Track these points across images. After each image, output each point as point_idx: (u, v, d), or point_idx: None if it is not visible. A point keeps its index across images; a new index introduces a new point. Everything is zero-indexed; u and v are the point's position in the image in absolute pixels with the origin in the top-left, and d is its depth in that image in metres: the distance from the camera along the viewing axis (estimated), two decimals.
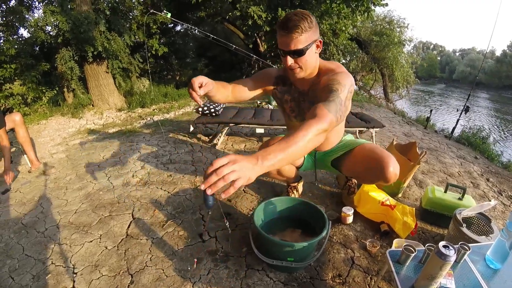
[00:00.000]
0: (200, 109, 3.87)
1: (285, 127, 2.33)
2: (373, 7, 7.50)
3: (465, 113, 5.68)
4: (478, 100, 29.79)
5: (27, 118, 6.14)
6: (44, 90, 6.78)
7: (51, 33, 6.10)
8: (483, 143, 5.70)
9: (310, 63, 1.63)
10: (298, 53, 1.55)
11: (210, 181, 0.93)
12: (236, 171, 0.94)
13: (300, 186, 2.54)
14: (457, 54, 76.81)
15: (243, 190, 2.68)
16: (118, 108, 7.09)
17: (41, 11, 6.95)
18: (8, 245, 2.11)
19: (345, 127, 2.33)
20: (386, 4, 7.71)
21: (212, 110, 3.84)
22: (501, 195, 3.09)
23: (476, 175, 3.53)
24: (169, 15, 2.64)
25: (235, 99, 1.81)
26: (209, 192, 0.94)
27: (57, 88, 7.09)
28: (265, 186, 2.78)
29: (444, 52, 77.29)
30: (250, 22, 7.62)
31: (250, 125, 3.79)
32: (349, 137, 2.23)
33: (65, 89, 7.11)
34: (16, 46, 6.30)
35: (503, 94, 41.00)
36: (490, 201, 1.94)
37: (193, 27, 9.43)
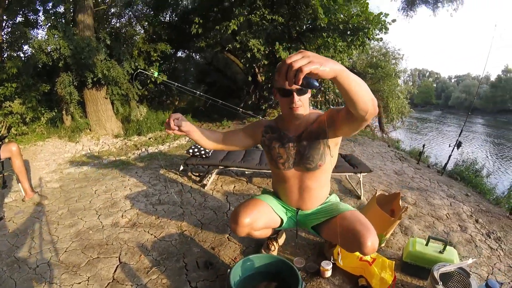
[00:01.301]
0: (190, 150, 4.00)
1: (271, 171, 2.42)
2: (368, 41, 7.74)
3: (458, 148, 5.67)
4: (474, 126, 30.00)
5: (25, 138, 6.30)
6: (43, 111, 6.91)
7: (53, 56, 6.24)
8: (476, 176, 5.70)
9: (307, 102, 1.87)
10: (303, 90, 1.76)
11: (290, 79, 1.04)
12: (310, 58, 1.03)
13: (281, 238, 2.61)
14: (453, 80, 77.92)
15: (227, 237, 2.78)
16: (114, 134, 7.22)
17: (44, 32, 7.16)
18: (1, 278, 2.22)
19: (334, 172, 2.41)
20: (381, 39, 7.97)
21: (203, 152, 3.96)
22: (489, 237, 3.10)
23: (465, 216, 3.57)
24: (156, 74, 2.79)
25: (226, 148, 2.02)
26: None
27: (56, 110, 7.21)
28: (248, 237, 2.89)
29: (440, 79, 78.22)
30: (249, 55, 7.86)
31: (239, 168, 3.93)
32: (334, 197, 2.29)
33: (64, 112, 7.24)
34: (18, 65, 6.43)
35: (499, 118, 41.37)
36: (468, 259, 2.05)
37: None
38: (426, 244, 2.33)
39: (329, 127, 1.81)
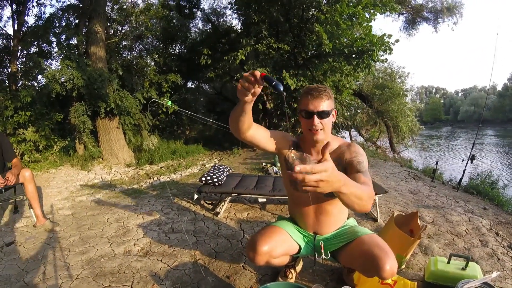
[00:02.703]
0: (203, 178, 4.00)
1: (287, 197, 2.36)
2: (373, 63, 7.79)
3: (471, 162, 5.61)
4: (485, 138, 29.79)
5: (38, 165, 6.39)
6: (56, 140, 7.05)
7: (66, 86, 6.39)
8: (492, 189, 5.61)
9: (329, 127, 1.88)
10: (325, 115, 1.80)
11: (297, 178, 1.17)
12: (319, 184, 1.16)
13: (298, 266, 2.55)
14: (460, 94, 78.21)
15: (242, 266, 2.72)
16: (127, 164, 7.27)
17: (58, 63, 7.40)
18: None
19: None
20: (386, 60, 8.02)
21: (216, 180, 3.96)
22: (511, 249, 3.06)
23: (485, 230, 3.51)
24: (169, 103, 2.82)
25: (251, 137, 1.85)
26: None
27: (68, 139, 7.34)
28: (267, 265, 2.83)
29: (447, 94, 78.55)
30: None
31: (252, 196, 3.90)
32: (352, 221, 2.26)
33: (76, 140, 7.34)
34: (32, 94, 6.61)
35: (509, 127, 41.04)
36: (492, 273, 1.99)
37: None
38: (448, 262, 2.30)
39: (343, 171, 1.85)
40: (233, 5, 10.22)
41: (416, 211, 2.76)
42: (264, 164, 6.78)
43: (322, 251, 2.09)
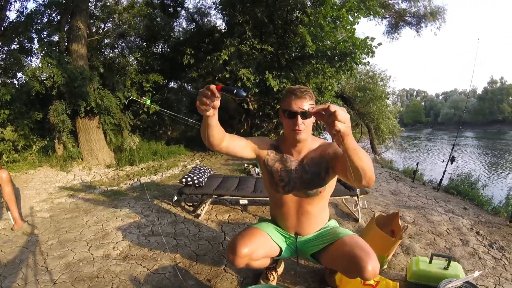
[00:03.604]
0: (183, 179, 3.95)
1: (268, 198, 2.37)
2: (355, 66, 7.89)
3: (451, 163, 5.74)
4: (465, 140, 30.52)
5: (16, 165, 6.21)
6: (35, 139, 6.87)
7: (46, 84, 6.27)
8: (472, 189, 5.73)
9: (310, 127, 1.91)
10: (308, 115, 1.79)
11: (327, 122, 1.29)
12: (345, 123, 1.27)
13: (280, 268, 2.54)
14: (440, 97, 79.81)
15: (224, 269, 2.70)
16: (107, 165, 7.15)
17: (38, 59, 7.23)
18: None
19: (330, 196, 2.36)
20: (368, 63, 8.16)
21: (196, 181, 3.91)
22: (492, 248, 3.12)
23: (466, 230, 3.57)
24: (148, 101, 2.79)
25: (227, 149, 1.86)
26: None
27: (48, 139, 7.17)
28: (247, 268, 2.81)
29: (427, 97, 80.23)
30: (239, 84, 7.96)
31: (233, 197, 3.88)
32: (333, 222, 2.27)
33: (56, 140, 7.18)
34: (11, 92, 6.42)
35: (488, 129, 42.32)
36: (474, 272, 2.03)
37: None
38: (430, 262, 2.32)
39: (330, 167, 1.91)
40: (217, 5, 10.20)
41: (397, 212, 2.80)
42: (246, 165, 6.78)
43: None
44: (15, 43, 8.02)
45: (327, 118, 1.28)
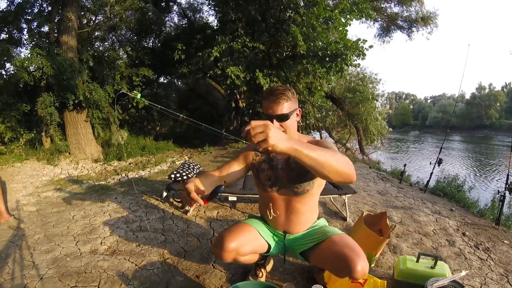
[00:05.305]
0: (172, 175, 3.94)
1: (257, 195, 2.38)
2: (346, 67, 7.92)
3: (439, 165, 5.81)
4: (452, 143, 30.78)
5: (2, 158, 6.11)
6: (22, 132, 6.74)
7: (35, 75, 6.18)
8: (458, 191, 5.79)
9: (293, 128, 1.88)
10: (284, 118, 1.79)
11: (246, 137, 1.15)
12: (267, 136, 1.12)
13: (269, 265, 2.55)
14: (429, 101, 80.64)
15: (212, 265, 2.70)
16: (94, 159, 7.08)
17: (28, 50, 7.11)
18: None
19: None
20: (359, 65, 8.19)
21: (185, 177, 3.91)
22: (478, 249, 3.17)
23: (452, 230, 3.63)
24: (138, 95, 2.77)
25: (230, 182, 1.94)
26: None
27: (35, 131, 7.05)
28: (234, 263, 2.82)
29: (416, 100, 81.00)
30: (228, 82, 7.95)
31: (222, 194, 3.87)
32: (323, 221, 2.27)
33: (43, 133, 7.06)
34: None
35: (476, 134, 43.09)
36: (461, 271, 2.06)
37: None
38: (417, 261, 2.34)
39: None
40: (210, 1, 10.15)
41: (385, 211, 2.83)
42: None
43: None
44: (4, 33, 7.87)
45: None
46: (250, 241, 2.05)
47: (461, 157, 21.40)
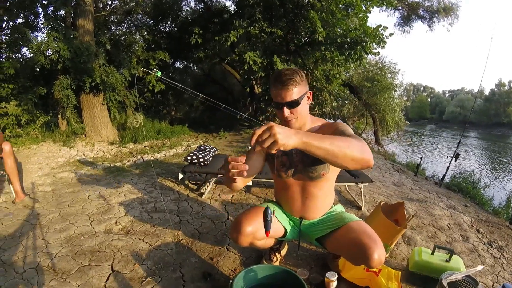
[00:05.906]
0: (188, 157, 3.92)
1: (272, 180, 2.33)
2: (365, 55, 7.75)
3: (455, 160, 5.65)
4: (469, 140, 30.25)
5: (19, 140, 6.19)
6: (38, 114, 6.83)
7: (52, 58, 6.22)
8: (473, 188, 5.68)
9: (304, 112, 1.80)
10: (294, 104, 1.71)
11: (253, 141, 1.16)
12: (275, 138, 1.13)
13: (283, 250, 2.53)
14: (447, 95, 78.82)
15: (226, 248, 2.68)
16: (110, 141, 7.13)
17: (44, 34, 7.13)
18: None
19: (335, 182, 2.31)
20: (378, 53, 7.97)
21: (201, 160, 3.88)
22: (491, 246, 3.11)
23: (466, 226, 3.56)
24: (159, 73, 2.72)
25: (252, 176, 1.94)
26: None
27: (51, 114, 7.14)
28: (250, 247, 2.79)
29: (434, 93, 79.15)
30: (246, 67, 7.86)
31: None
32: (340, 207, 2.24)
33: (59, 116, 7.14)
34: (16, 67, 6.37)
35: (493, 132, 42.16)
36: (477, 266, 2.01)
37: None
38: (432, 253, 2.31)
39: None
40: None
41: (403, 202, 2.76)
42: (249, 147, 6.74)
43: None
44: (21, 18, 7.92)
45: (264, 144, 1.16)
46: None
47: (477, 154, 21.04)
